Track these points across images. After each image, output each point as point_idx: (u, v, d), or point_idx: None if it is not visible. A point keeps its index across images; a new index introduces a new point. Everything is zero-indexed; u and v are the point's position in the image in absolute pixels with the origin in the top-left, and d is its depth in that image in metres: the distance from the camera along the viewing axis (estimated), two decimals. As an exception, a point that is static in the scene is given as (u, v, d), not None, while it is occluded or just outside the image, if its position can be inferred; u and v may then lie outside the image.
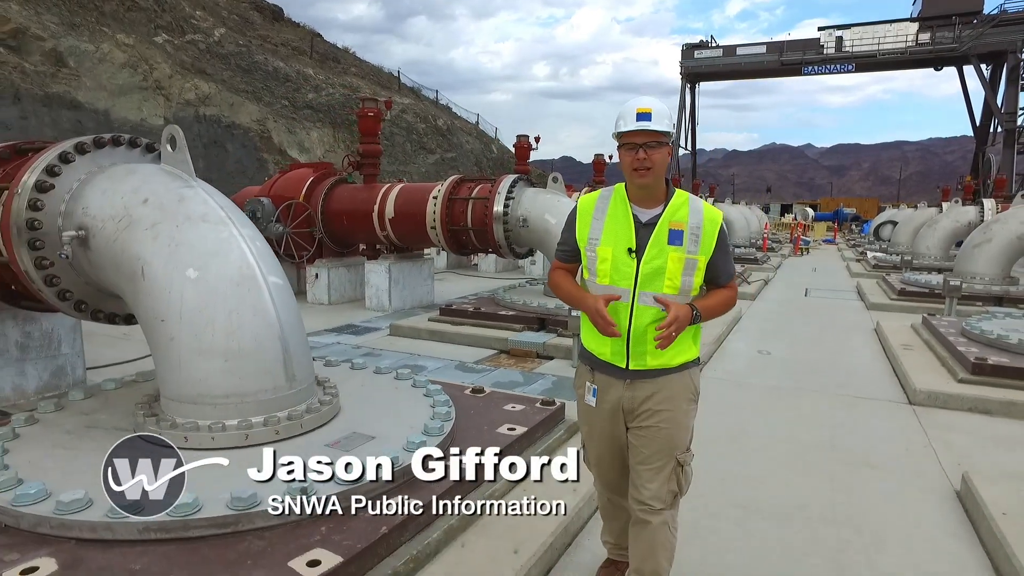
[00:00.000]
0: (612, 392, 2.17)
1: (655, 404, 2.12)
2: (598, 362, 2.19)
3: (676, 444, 2.14)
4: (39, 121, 23.08)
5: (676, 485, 2.16)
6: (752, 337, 7.26)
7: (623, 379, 2.14)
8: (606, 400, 2.18)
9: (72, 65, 25.09)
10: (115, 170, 3.30)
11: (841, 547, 2.78)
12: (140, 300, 2.93)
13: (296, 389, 3.02)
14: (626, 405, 2.15)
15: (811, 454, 3.82)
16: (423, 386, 3.67)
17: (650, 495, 2.13)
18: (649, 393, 2.13)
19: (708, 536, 2.83)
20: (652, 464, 2.14)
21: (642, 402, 2.13)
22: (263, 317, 2.93)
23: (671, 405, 2.13)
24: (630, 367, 2.12)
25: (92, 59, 26.04)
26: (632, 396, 2.13)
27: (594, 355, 2.20)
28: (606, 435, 2.23)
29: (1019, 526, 2.63)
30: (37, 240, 3.15)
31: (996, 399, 4.51)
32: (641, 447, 2.15)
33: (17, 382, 4.68)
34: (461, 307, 7.09)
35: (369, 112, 8.73)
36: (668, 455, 2.13)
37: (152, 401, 3.14)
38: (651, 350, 2.10)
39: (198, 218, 3.02)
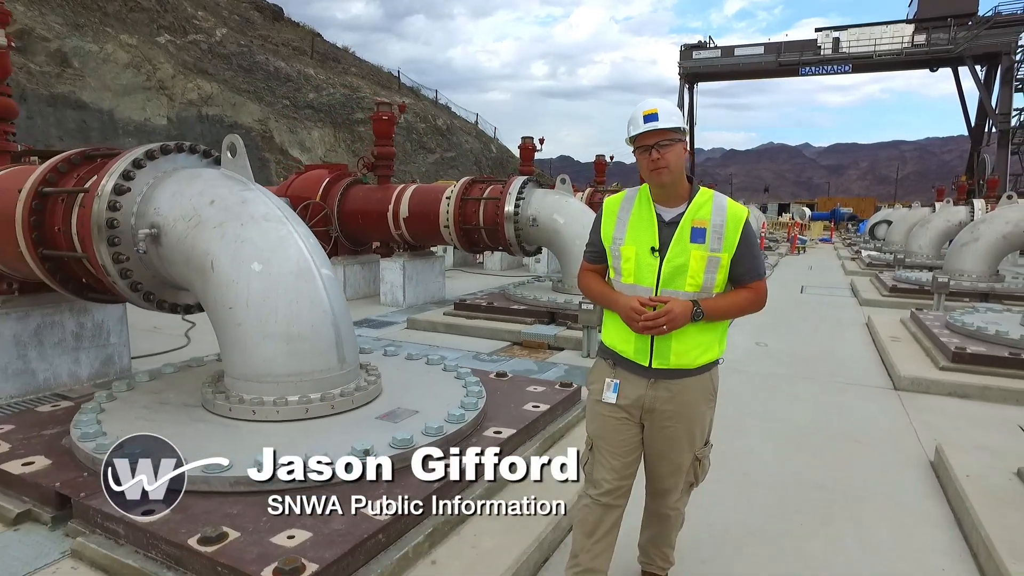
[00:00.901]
0: (634, 390, 2.18)
1: (675, 407, 2.15)
2: (620, 359, 2.21)
3: (694, 443, 2.20)
4: (44, 121, 23.35)
5: (693, 476, 2.27)
6: (749, 330, 7.65)
7: (647, 378, 2.15)
8: (626, 397, 2.19)
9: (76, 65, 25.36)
10: (182, 174, 3.68)
11: (827, 506, 3.17)
12: (210, 291, 3.32)
13: (346, 370, 3.41)
14: (647, 404, 2.17)
15: (803, 432, 4.23)
16: (453, 370, 4.07)
17: (670, 488, 2.26)
18: (670, 395, 2.15)
19: (713, 498, 3.21)
20: (672, 461, 2.22)
21: (663, 403, 2.15)
22: (319, 305, 3.31)
23: (690, 409, 2.16)
24: (653, 365, 2.13)
25: (96, 59, 26.30)
26: (655, 396, 2.15)
27: (616, 352, 2.22)
28: (622, 430, 2.22)
29: (979, 486, 3.03)
30: (115, 237, 3.53)
31: (973, 384, 4.92)
32: (659, 445, 2.20)
33: (72, 369, 5.06)
34: (475, 302, 7.48)
35: (383, 116, 9.11)
36: (687, 453, 2.21)
37: (215, 380, 3.53)
38: (675, 348, 2.11)
39: (260, 217, 3.41)
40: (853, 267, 15.27)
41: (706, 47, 49.24)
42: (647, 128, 2.05)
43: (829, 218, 40.57)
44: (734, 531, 2.92)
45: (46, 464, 2.87)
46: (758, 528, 2.97)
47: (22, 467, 2.84)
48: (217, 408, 3.24)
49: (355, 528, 2.30)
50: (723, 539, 2.85)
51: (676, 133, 2.07)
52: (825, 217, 40.95)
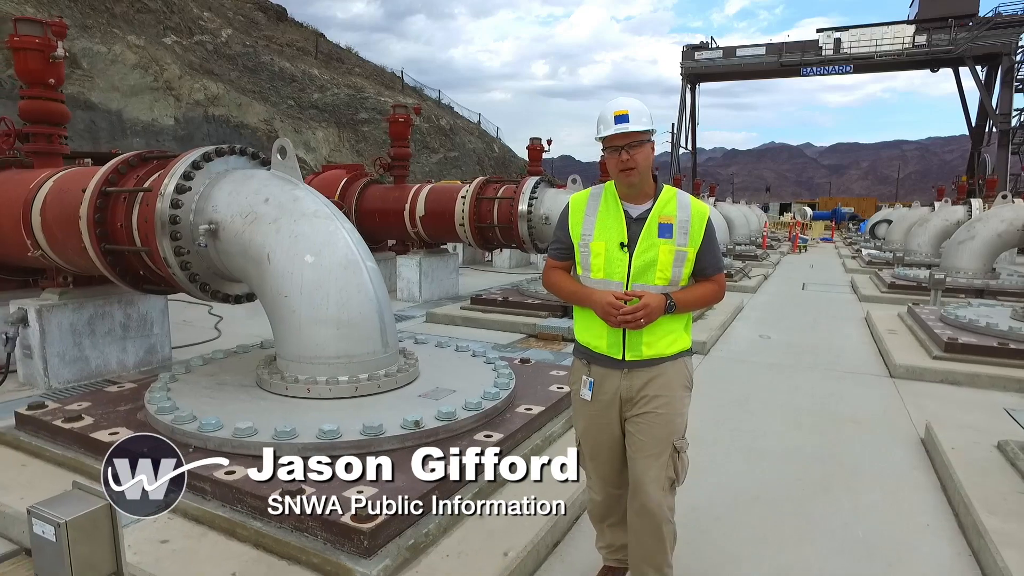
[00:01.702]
0: (610, 383, 2.22)
1: (652, 390, 2.18)
2: (594, 355, 2.25)
3: (673, 430, 2.20)
4: (54, 121, 23.66)
5: (673, 471, 2.22)
6: (753, 324, 7.99)
7: (620, 369, 2.20)
8: (604, 392, 2.23)
9: (85, 67, 25.67)
10: (236, 175, 4.03)
11: (826, 476, 3.51)
12: (266, 280, 3.66)
13: (389, 353, 3.75)
14: (624, 394, 2.20)
15: (805, 414, 4.57)
16: (482, 356, 4.41)
17: (649, 480, 2.19)
18: (646, 380, 2.19)
19: (723, 470, 3.56)
20: (650, 451, 2.19)
21: (640, 389, 2.19)
22: (365, 294, 3.66)
23: (668, 391, 2.19)
24: (626, 358, 2.18)
25: (104, 60, 26.60)
26: (630, 385, 2.19)
27: (590, 349, 2.26)
28: (604, 427, 2.27)
29: (963, 457, 3.37)
30: (176, 232, 3.87)
31: (963, 372, 5.25)
32: (638, 434, 2.21)
33: (120, 357, 5.41)
34: (490, 297, 7.83)
35: (400, 118, 9.46)
36: (666, 441, 2.19)
37: (268, 363, 3.87)
38: (647, 340, 2.16)
39: (311, 214, 3.75)
40: (853, 265, 15.60)
41: (708, 48, 49.60)
42: (617, 130, 2.09)
43: (830, 218, 40.88)
44: (743, 496, 3.26)
45: (129, 434, 3.21)
46: (764, 493, 3.30)
47: (109, 436, 3.19)
48: (274, 387, 3.58)
49: (412, 486, 2.64)
50: (734, 501, 3.19)
51: (645, 134, 2.11)
52: (826, 217, 41.26)
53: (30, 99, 5.23)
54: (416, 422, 3.06)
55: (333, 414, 3.23)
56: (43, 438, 3.38)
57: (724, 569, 2.63)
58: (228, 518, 2.58)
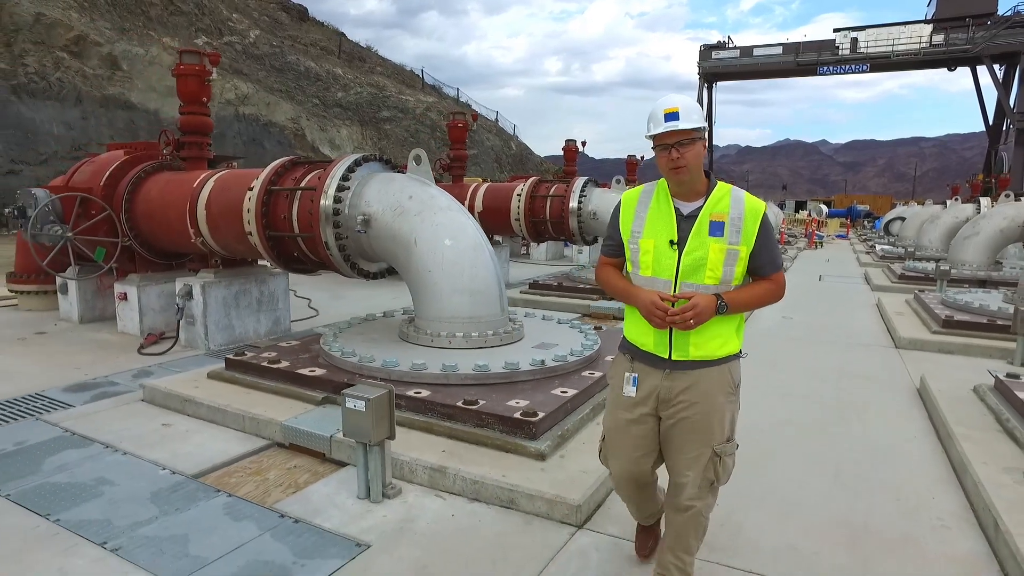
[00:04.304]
0: (650, 381, 2.22)
1: (690, 396, 2.16)
2: (639, 352, 2.25)
3: (712, 436, 2.17)
4: (97, 121, 25.00)
5: (713, 474, 2.20)
6: (775, 308, 9.01)
7: (662, 369, 2.19)
8: (643, 389, 2.23)
9: (125, 68, 26.99)
10: (380, 176, 5.17)
11: (841, 409, 4.61)
12: (413, 260, 4.79)
13: (504, 316, 4.88)
14: (663, 395, 2.19)
15: (823, 372, 5.65)
16: (566, 323, 5.53)
17: (687, 482, 2.19)
18: (686, 385, 2.16)
19: (759, 406, 4.64)
20: (688, 454, 2.19)
21: (678, 393, 2.17)
22: (489, 270, 4.78)
23: (706, 399, 2.16)
24: (672, 357, 2.16)
25: (143, 62, 27.91)
26: (670, 386, 2.18)
27: (636, 346, 2.26)
28: (632, 423, 2.26)
29: (947, 396, 4.46)
30: (338, 222, 5.02)
31: (957, 343, 6.32)
32: (675, 437, 2.21)
33: (255, 327, 6.61)
34: (547, 283, 8.97)
35: (459, 124, 10.60)
36: (704, 445, 2.17)
37: (408, 323, 5.00)
38: (695, 341, 2.13)
39: (445, 208, 4.89)
40: (867, 260, 16.55)
41: (725, 47, 50.30)
42: (667, 128, 2.07)
43: (846, 215, 41.53)
44: (776, 422, 4.36)
45: (323, 372, 4.36)
46: (794, 419, 4.41)
47: (309, 372, 4.34)
48: (421, 340, 4.71)
49: (553, 400, 3.76)
50: (769, 427, 4.28)
51: (696, 132, 2.08)
52: (842, 214, 41.91)
53: (188, 114, 6.43)
54: (542, 361, 4.19)
55: (471, 359, 4.36)
56: (253, 375, 4.54)
57: (768, 457, 3.74)
58: (425, 420, 3.71)
